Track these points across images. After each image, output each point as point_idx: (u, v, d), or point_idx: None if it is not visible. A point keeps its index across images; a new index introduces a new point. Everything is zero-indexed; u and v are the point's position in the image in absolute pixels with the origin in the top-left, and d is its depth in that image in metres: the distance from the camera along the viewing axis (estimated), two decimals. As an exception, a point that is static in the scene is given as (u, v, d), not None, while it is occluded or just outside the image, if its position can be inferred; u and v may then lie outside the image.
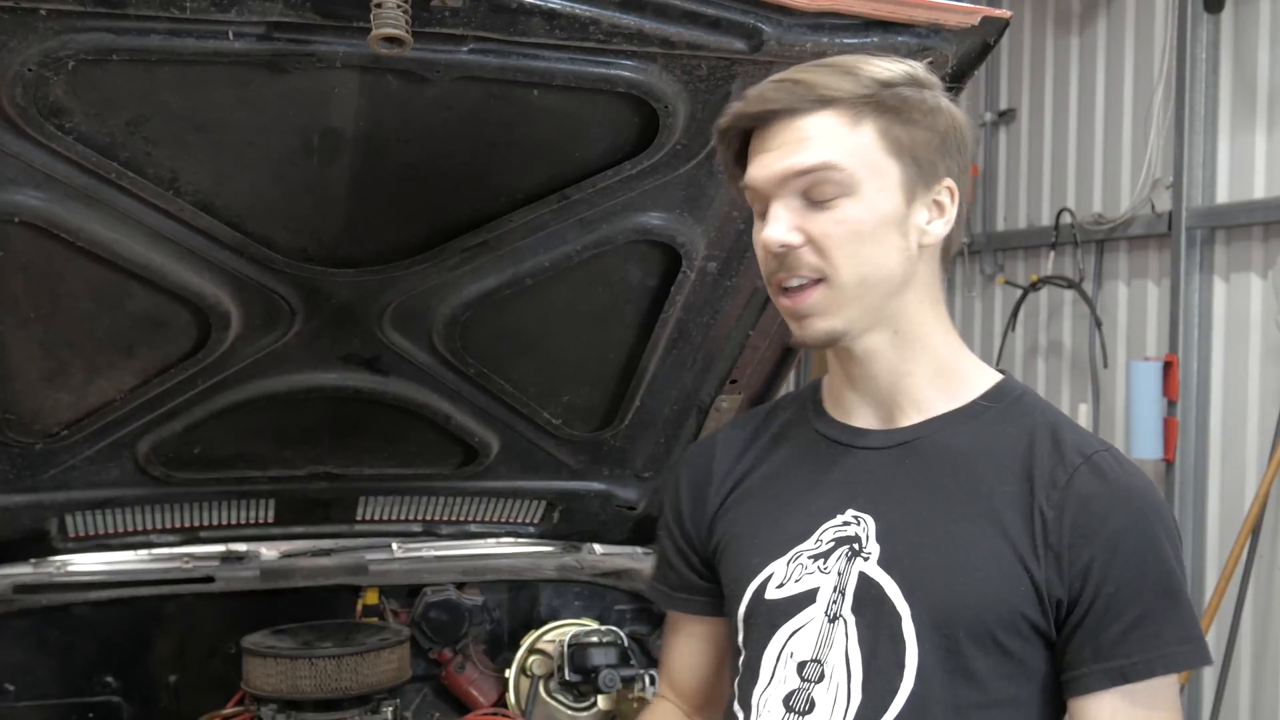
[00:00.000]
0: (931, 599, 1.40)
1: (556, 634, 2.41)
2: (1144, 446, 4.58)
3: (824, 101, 1.40)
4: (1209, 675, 4.37)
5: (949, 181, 1.45)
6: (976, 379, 1.51)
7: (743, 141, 1.48)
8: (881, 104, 1.41)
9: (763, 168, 1.43)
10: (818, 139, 1.40)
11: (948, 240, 1.48)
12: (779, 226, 1.41)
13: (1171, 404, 4.58)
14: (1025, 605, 1.39)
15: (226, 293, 2.00)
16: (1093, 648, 1.38)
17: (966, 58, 1.76)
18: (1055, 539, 1.38)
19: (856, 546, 1.46)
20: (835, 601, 1.45)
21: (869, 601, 1.43)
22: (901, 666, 1.40)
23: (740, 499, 1.61)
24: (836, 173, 1.39)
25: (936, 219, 1.45)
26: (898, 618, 1.41)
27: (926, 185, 1.44)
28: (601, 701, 2.34)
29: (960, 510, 1.43)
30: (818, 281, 1.42)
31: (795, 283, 1.43)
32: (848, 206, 1.40)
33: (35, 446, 2.21)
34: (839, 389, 1.55)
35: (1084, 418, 5.10)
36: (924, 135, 1.42)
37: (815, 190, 1.40)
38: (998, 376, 1.53)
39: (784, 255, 1.42)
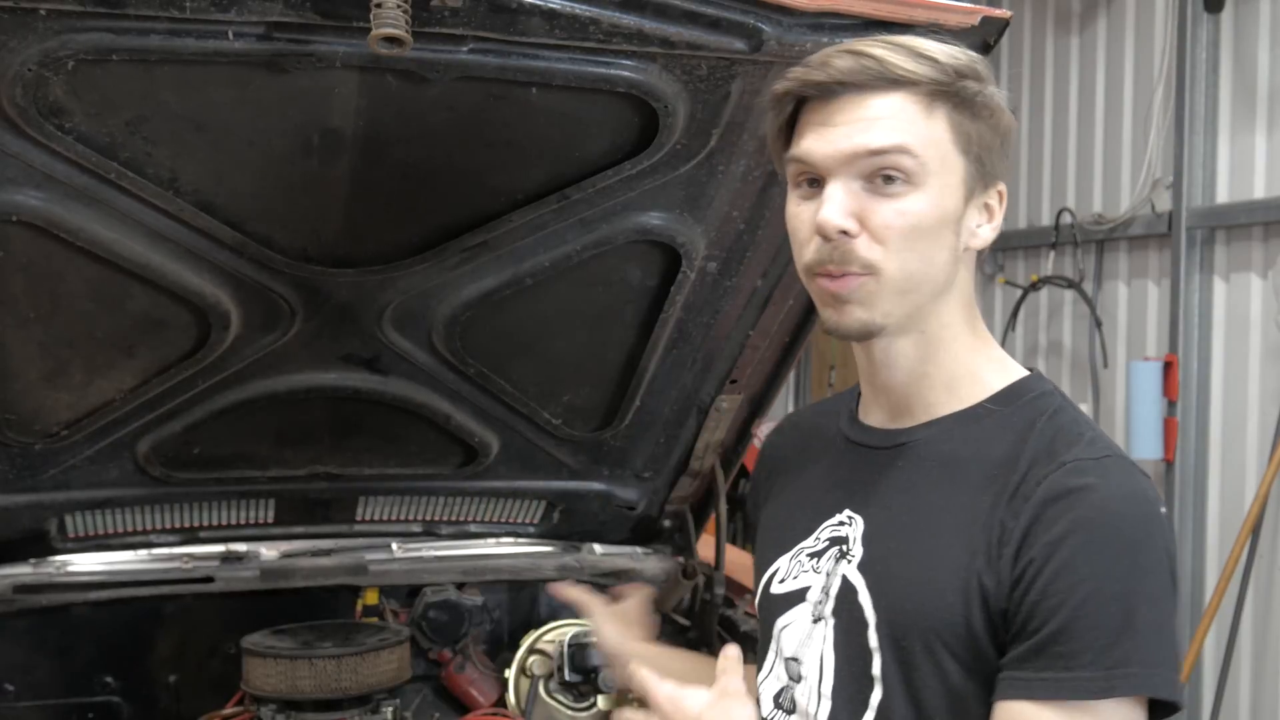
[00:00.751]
0: (892, 608, 1.34)
1: (556, 634, 2.41)
2: (1144, 446, 4.58)
3: (897, 82, 1.30)
4: (1209, 675, 4.37)
5: (1001, 186, 1.38)
6: (990, 380, 1.41)
7: (795, 109, 1.37)
8: (955, 94, 1.32)
9: (826, 143, 1.32)
10: (890, 120, 1.30)
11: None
12: (836, 209, 1.30)
13: (1171, 404, 4.58)
14: (977, 622, 1.28)
15: (226, 293, 2.00)
16: (1014, 652, 1.26)
17: (966, 58, 1.76)
18: (1008, 548, 1.27)
19: (845, 547, 1.42)
20: (820, 602, 1.42)
21: (845, 605, 1.39)
22: (871, 678, 1.35)
23: (777, 491, 1.61)
24: (910, 159, 1.30)
25: (985, 223, 1.38)
26: (865, 625, 1.36)
27: (984, 187, 1.36)
28: (601, 701, 2.34)
29: (935, 518, 1.35)
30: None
31: (842, 274, 1.33)
32: (913, 198, 1.31)
33: (35, 446, 2.21)
34: (864, 385, 1.50)
35: (1084, 418, 5.09)
36: (989, 134, 1.34)
37: (881, 175, 1.30)
38: (1016, 376, 1.42)
39: (837, 242, 1.31)
